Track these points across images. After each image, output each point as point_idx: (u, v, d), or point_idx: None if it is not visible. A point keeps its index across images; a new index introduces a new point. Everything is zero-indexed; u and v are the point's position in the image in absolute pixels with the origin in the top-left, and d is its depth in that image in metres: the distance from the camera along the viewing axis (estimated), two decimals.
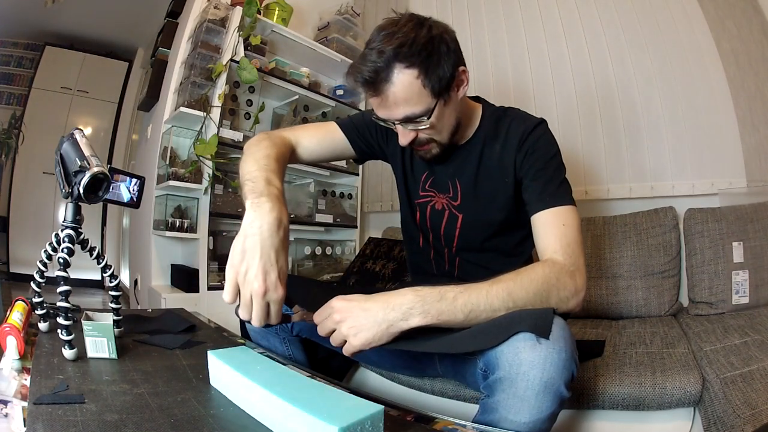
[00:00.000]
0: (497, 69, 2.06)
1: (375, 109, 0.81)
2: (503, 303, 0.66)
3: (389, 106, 0.77)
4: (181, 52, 1.95)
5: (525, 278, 0.69)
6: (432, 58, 0.75)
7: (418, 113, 0.77)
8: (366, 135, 0.99)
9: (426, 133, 0.82)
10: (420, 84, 0.75)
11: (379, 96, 0.76)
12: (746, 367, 0.92)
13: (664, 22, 1.64)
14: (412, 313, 0.65)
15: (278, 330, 0.96)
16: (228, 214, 1.90)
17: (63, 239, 0.74)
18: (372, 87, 0.75)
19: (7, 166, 3.47)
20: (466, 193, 0.91)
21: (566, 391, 0.61)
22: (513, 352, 0.60)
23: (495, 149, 0.88)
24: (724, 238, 1.35)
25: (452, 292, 0.66)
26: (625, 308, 1.46)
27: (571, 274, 0.72)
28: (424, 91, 0.76)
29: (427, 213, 0.96)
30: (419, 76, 0.74)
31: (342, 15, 2.40)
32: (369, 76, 0.74)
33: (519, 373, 0.59)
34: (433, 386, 1.02)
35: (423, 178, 0.96)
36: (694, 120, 1.58)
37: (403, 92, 0.75)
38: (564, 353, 0.60)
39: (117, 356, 0.73)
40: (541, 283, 0.69)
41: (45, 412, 0.51)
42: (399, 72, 0.74)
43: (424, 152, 0.86)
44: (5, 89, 3.50)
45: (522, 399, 0.59)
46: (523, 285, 0.68)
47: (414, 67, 0.74)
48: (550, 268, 0.72)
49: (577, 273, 0.73)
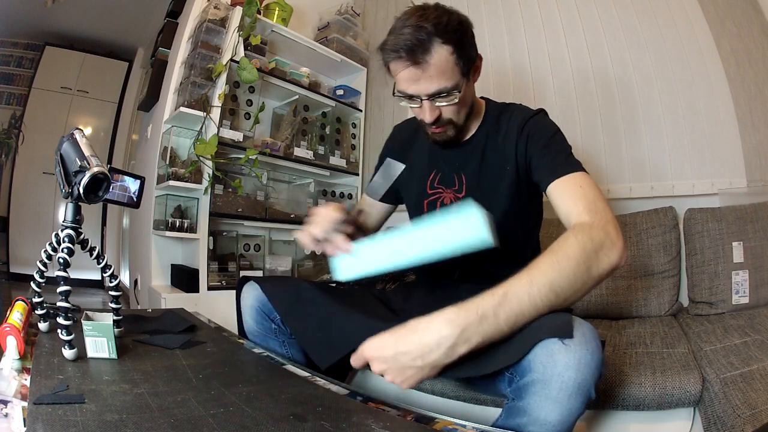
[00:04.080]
0: (497, 69, 2.06)
1: (405, 85, 0.82)
2: (547, 300, 0.62)
3: (425, 79, 0.80)
4: (181, 52, 1.95)
5: (563, 261, 0.64)
6: (464, 40, 0.80)
7: (450, 87, 0.81)
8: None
9: (450, 111, 0.86)
10: (454, 60, 0.79)
11: (418, 66, 0.78)
12: (746, 367, 0.92)
13: (664, 22, 1.64)
14: (456, 348, 0.60)
15: (277, 333, 0.96)
16: (228, 214, 1.91)
17: (63, 239, 0.74)
18: (412, 57, 0.78)
19: (7, 166, 3.47)
20: (470, 185, 0.94)
21: (594, 393, 0.61)
22: (547, 354, 0.59)
23: (497, 141, 0.92)
24: (724, 238, 1.35)
25: (491, 307, 0.61)
26: (625, 308, 1.46)
27: (603, 230, 0.69)
28: (456, 68, 0.80)
29: (436, 208, 0.98)
30: (453, 53, 0.79)
31: (342, 15, 2.40)
32: (412, 45, 0.77)
33: (554, 374, 0.59)
34: (433, 386, 1.02)
35: (431, 177, 0.99)
36: (694, 120, 1.58)
37: (440, 65, 0.78)
38: (597, 354, 0.60)
39: (117, 356, 0.73)
40: (579, 256, 0.65)
41: (45, 412, 0.51)
42: (438, 46, 0.77)
43: (441, 133, 0.89)
44: (5, 89, 3.50)
45: (555, 401, 0.59)
46: (563, 271, 0.64)
47: (450, 44, 0.78)
48: (582, 233, 0.68)
49: (609, 225, 0.70)
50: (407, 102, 0.86)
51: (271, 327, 0.95)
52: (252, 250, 2.04)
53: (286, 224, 2.15)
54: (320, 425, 0.54)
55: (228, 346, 0.91)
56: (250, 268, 1.98)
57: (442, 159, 0.99)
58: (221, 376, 0.71)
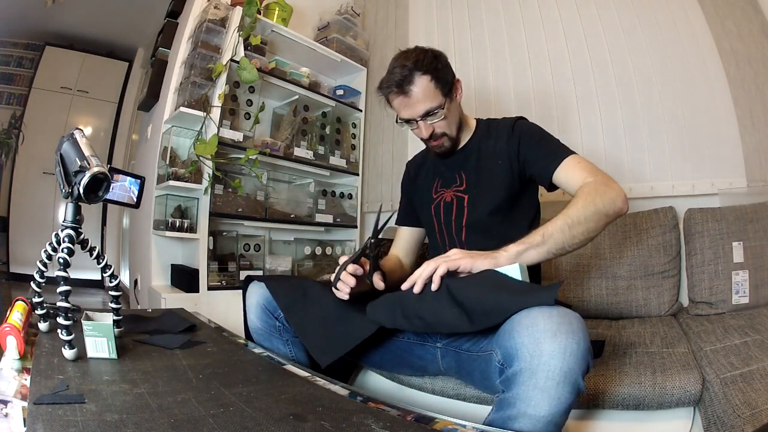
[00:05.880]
0: (496, 69, 2.06)
1: (401, 112, 1.03)
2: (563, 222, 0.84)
3: (413, 105, 1.00)
4: (181, 52, 1.95)
5: (572, 203, 0.87)
6: (438, 68, 1.00)
7: (435, 106, 1.01)
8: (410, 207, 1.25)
9: (440, 126, 1.04)
10: (433, 85, 0.99)
11: (406, 96, 0.99)
12: (746, 367, 0.92)
13: (664, 22, 1.64)
14: (518, 255, 0.83)
15: (281, 332, 0.96)
16: (228, 214, 1.90)
17: (63, 239, 0.74)
18: (401, 90, 0.99)
19: (7, 166, 3.48)
20: (470, 179, 1.09)
21: (583, 383, 0.62)
22: (533, 343, 0.61)
23: (490, 144, 1.10)
24: (724, 238, 1.35)
25: (538, 235, 0.84)
26: (625, 308, 1.46)
27: (605, 183, 0.90)
28: (437, 90, 1.00)
29: (441, 208, 1.12)
30: (432, 79, 0.99)
31: (342, 15, 2.40)
32: (399, 80, 0.98)
33: (540, 363, 0.60)
34: (433, 386, 1.02)
35: (434, 186, 1.16)
36: (694, 120, 1.58)
37: (422, 91, 0.99)
38: (583, 344, 0.62)
39: (117, 356, 0.73)
40: (587, 197, 0.86)
41: (45, 412, 0.51)
42: (418, 77, 0.98)
43: (439, 146, 1.08)
44: (5, 89, 3.50)
45: (542, 390, 0.60)
46: (572, 204, 0.86)
47: (428, 73, 0.99)
48: (587, 186, 0.90)
49: (610, 182, 0.91)
50: (407, 126, 1.05)
51: (275, 325, 0.96)
52: (252, 250, 2.04)
53: (286, 224, 2.15)
54: (320, 425, 0.54)
55: (228, 346, 0.91)
56: (250, 268, 1.98)
57: (443, 167, 1.15)
58: (221, 376, 0.71)
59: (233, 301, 1.00)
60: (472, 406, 0.97)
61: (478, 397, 0.96)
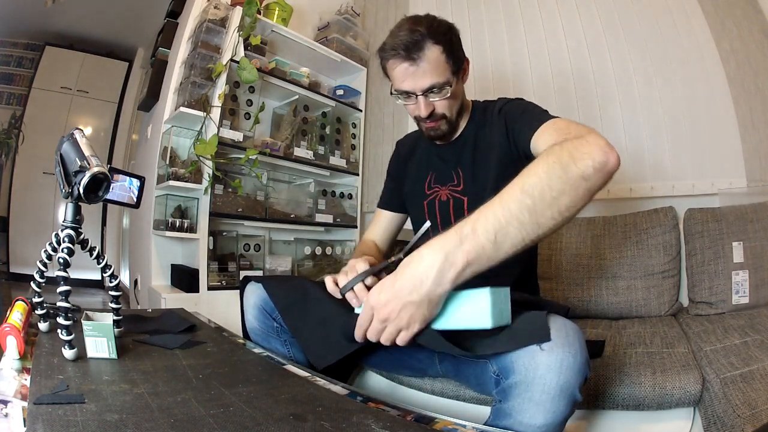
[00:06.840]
0: (496, 68, 2.06)
1: (402, 82, 0.90)
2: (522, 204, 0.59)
3: (418, 76, 0.88)
4: (181, 52, 1.95)
5: (530, 168, 0.62)
6: (452, 42, 0.90)
7: (442, 83, 0.89)
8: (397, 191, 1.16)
9: (442, 106, 0.93)
10: (444, 59, 0.88)
11: (413, 63, 0.87)
12: (746, 367, 0.92)
13: (664, 22, 1.64)
14: (444, 273, 0.59)
15: (279, 332, 0.96)
16: (228, 214, 1.90)
17: (63, 239, 0.74)
18: (408, 54, 0.86)
19: (7, 166, 3.48)
20: (467, 178, 1.00)
21: (580, 395, 0.61)
22: (529, 356, 0.60)
23: (485, 132, 1.00)
24: (724, 238, 1.35)
25: (468, 226, 0.60)
26: (625, 308, 1.46)
27: (576, 138, 0.66)
28: (446, 66, 0.89)
29: (436, 207, 1.04)
30: (444, 52, 0.88)
31: (342, 15, 2.40)
32: (408, 44, 0.86)
33: (536, 377, 0.59)
34: (433, 386, 1.02)
35: (428, 180, 1.06)
36: (694, 120, 1.58)
37: (432, 62, 0.87)
38: (579, 356, 0.60)
39: (117, 356, 0.73)
40: (548, 158, 0.62)
41: (45, 412, 0.51)
42: (431, 45, 0.87)
43: (435, 128, 0.97)
44: (5, 89, 3.50)
45: (538, 403, 0.59)
46: (530, 173, 0.61)
47: (441, 44, 0.87)
48: (548, 149, 0.65)
49: (586, 135, 0.66)
50: (403, 100, 0.94)
51: (273, 326, 0.96)
52: (252, 250, 2.04)
53: (286, 224, 2.15)
54: (320, 425, 0.54)
55: (228, 346, 0.91)
56: (250, 268, 1.98)
57: (437, 159, 1.06)
58: (221, 376, 0.71)
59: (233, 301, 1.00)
60: (471, 407, 0.97)
61: (477, 398, 0.96)
